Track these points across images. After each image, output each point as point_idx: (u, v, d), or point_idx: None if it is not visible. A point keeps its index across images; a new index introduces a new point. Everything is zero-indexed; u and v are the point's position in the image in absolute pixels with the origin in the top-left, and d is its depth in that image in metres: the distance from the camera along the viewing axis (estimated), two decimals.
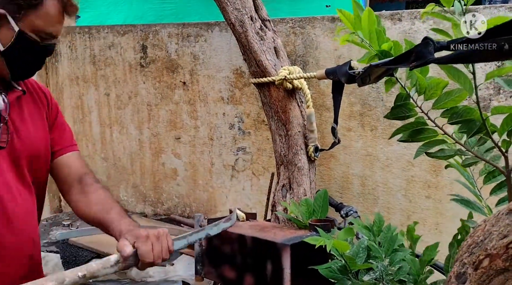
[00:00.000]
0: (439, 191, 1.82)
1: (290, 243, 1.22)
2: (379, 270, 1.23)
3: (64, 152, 1.20)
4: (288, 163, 1.61)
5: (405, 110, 1.13)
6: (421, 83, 1.06)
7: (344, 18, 1.05)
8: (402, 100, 1.13)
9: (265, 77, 1.61)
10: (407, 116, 1.13)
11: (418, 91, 1.08)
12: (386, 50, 1.01)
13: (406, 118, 1.13)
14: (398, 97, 1.13)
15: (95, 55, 2.54)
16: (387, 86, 1.16)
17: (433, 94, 1.07)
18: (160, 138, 2.44)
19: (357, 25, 1.13)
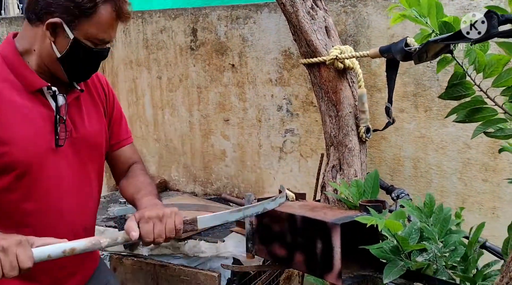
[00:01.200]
0: (497, 174, 1.74)
1: (340, 222, 1.22)
2: (433, 251, 1.20)
3: (120, 145, 1.32)
4: (338, 144, 1.60)
5: (461, 89, 1.08)
6: (481, 59, 1.01)
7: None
8: (458, 79, 1.08)
9: (316, 57, 1.60)
10: (464, 95, 1.08)
11: (477, 68, 1.03)
12: (449, 22, 0.97)
13: (462, 98, 1.09)
14: (453, 76, 1.09)
15: (148, 39, 2.62)
16: (439, 66, 1.11)
17: (493, 71, 1.02)
18: (209, 120, 2.50)
19: (413, 1, 1.09)
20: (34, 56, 1.09)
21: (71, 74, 1.11)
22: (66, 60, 1.07)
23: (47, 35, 1.05)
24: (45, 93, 1.10)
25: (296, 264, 1.36)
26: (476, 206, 1.79)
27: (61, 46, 1.06)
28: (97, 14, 1.04)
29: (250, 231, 1.43)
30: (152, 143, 2.73)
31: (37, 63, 1.09)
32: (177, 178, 2.69)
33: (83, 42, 1.06)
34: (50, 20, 1.03)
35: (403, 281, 1.17)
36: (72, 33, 1.04)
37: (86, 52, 1.07)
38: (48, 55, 1.07)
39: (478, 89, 1.03)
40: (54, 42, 1.05)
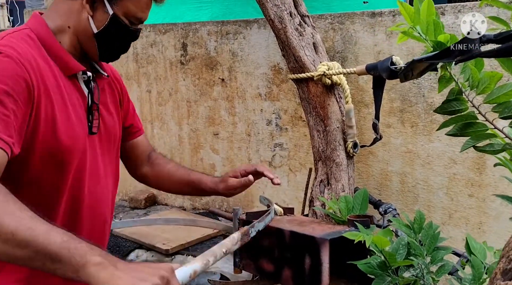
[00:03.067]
0: (482, 190, 1.77)
1: (329, 237, 1.22)
2: (420, 267, 1.21)
3: (138, 134, 1.30)
4: (326, 158, 1.62)
5: (456, 104, 1.10)
6: (474, 76, 1.03)
7: (404, 12, 1.04)
8: (455, 95, 1.11)
9: (304, 73, 1.62)
10: (458, 110, 1.10)
11: (471, 85, 1.05)
12: (442, 41, 0.99)
13: (456, 113, 1.11)
14: (450, 92, 1.11)
15: (138, 53, 2.63)
16: (441, 85, 1.13)
17: (486, 88, 1.05)
18: (199, 134, 2.50)
19: (416, 19, 1.11)
20: (68, 34, 1.04)
21: (104, 52, 1.07)
22: (102, 37, 1.04)
23: (86, 9, 1.01)
24: (78, 78, 1.06)
25: (284, 279, 1.36)
26: (463, 221, 1.81)
27: (99, 21, 1.02)
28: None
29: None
30: None
31: (71, 41, 1.04)
32: (166, 193, 2.67)
33: (121, 19, 1.03)
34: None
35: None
36: (112, 8, 1.02)
37: (122, 29, 1.04)
38: (84, 31, 1.03)
39: (471, 105, 1.05)
40: (92, 17, 1.02)
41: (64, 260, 0.72)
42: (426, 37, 1.07)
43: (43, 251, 0.73)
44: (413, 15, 1.05)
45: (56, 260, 0.73)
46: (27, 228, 0.73)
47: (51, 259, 0.73)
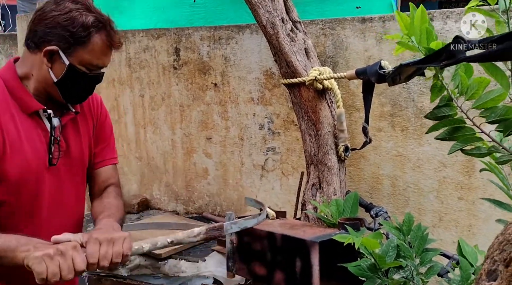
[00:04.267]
0: (472, 193, 1.79)
1: (319, 240, 1.24)
2: (409, 269, 1.23)
3: (103, 164, 1.33)
4: (318, 162, 1.63)
5: (446, 110, 1.13)
6: (463, 82, 1.06)
7: (400, 21, 1.07)
8: (446, 101, 1.13)
9: (296, 78, 1.64)
10: (448, 116, 1.13)
11: (460, 91, 1.08)
12: (433, 48, 1.02)
13: (446, 118, 1.13)
14: (442, 99, 1.13)
15: (131, 58, 2.64)
16: (433, 95, 1.15)
17: (474, 94, 1.07)
18: (192, 138, 2.50)
19: (411, 28, 1.13)
20: (32, 81, 1.15)
21: (68, 97, 1.17)
22: (62, 84, 1.13)
23: (44, 62, 1.11)
24: (41, 115, 1.16)
25: (276, 282, 1.37)
26: (453, 224, 1.83)
27: (57, 71, 1.12)
28: (91, 42, 1.11)
29: (231, 249, 1.43)
30: (134, 161, 2.72)
31: (35, 87, 1.15)
32: (159, 197, 2.67)
33: (78, 67, 1.12)
34: (47, 47, 1.10)
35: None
36: (68, 59, 1.11)
37: (81, 77, 1.14)
38: (45, 80, 1.14)
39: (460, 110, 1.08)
40: (51, 68, 1.12)
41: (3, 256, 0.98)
42: (420, 45, 1.10)
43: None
44: (409, 25, 1.08)
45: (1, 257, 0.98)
46: None
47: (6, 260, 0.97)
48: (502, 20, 0.99)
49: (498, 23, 0.98)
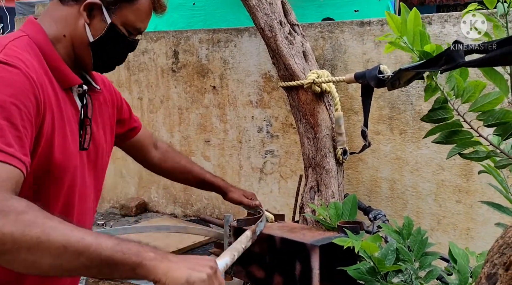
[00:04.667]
0: (470, 196, 1.79)
1: (319, 244, 1.23)
2: (409, 272, 1.23)
3: (137, 131, 1.32)
4: (316, 165, 1.63)
5: (442, 113, 1.13)
6: (459, 85, 1.06)
7: (391, 22, 1.07)
8: (441, 104, 1.13)
9: (294, 81, 1.64)
10: (444, 118, 1.13)
11: (456, 94, 1.08)
12: (428, 51, 1.02)
13: (442, 121, 1.14)
14: (436, 101, 1.13)
15: (129, 61, 2.63)
16: (427, 95, 1.16)
17: (470, 96, 1.08)
18: (190, 141, 2.50)
19: (403, 29, 1.14)
20: (63, 43, 0.99)
21: (98, 62, 1.03)
22: (98, 47, 1.00)
23: (83, 16, 0.96)
24: (73, 90, 1.01)
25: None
26: (451, 227, 1.83)
27: (96, 30, 0.98)
28: (138, 1, 0.99)
29: None
30: (132, 164, 2.71)
31: (66, 51, 0.99)
32: (157, 199, 2.67)
33: (120, 28, 1.00)
34: (90, 0, 0.95)
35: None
36: (110, 17, 0.98)
37: (120, 39, 1.01)
38: (80, 39, 0.98)
39: (456, 113, 1.08)
40: (89, 25, 0.97)
41: (119, 262, 0.74)
42: (413, 47, 1.10)
43: (98, 258, 0.74)
44: (400, 25, 1.08)
45: (112, 264, 0.74)
46: (76, 239, 0.73)
47: (107, 264, 0.74)
48: (500, 24, 0.99)
49: (496, 27, 0.98)
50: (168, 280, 0.75)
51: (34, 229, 0.71)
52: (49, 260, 0.72)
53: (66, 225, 0.75)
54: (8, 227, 0.70)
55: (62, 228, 0.74)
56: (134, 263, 0.75)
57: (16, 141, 0.81)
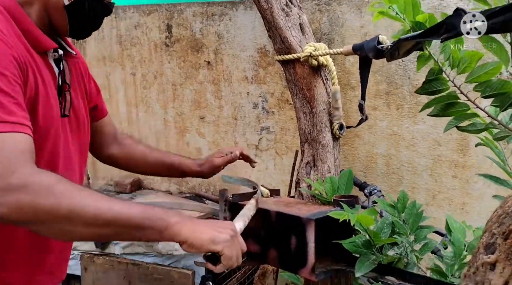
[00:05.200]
0: (466, 171, 1.79)
1: (315, 217, 1.23)
2: (404, 245, 1.23)
3: (103, 115, 1.27)
4: (313, 140, 1.61)
5: (436, 84, 1.11)
6: (455, 55, 1.04)
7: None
8: (434, 75, 1.11)
9: (290, 54, 1.60)
10: (439, 90, 1.11)
11: (452, 64, 1.06)
12: (421, 21, 0.99)
13: (437, 93, 1.11)
14: (430, 72, 1.11)
15: (121, 35, 2.57)
16: (419, 63, 1.13)
17: (467, 67, 1.05)
18: (184, 117, 2.47)
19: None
20: (35, 6, 0.97)
21: (75, 27, 1.02)
22: (73, 10, 0.98)
23: None
24: (49, 55, 0.99)
25: (270, 259, 1.36)
26: (446, 202, 1.83)
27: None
28: None
29: None
30: None
31: (38, 14, 0.97)
32: (152, 177, 2.65)
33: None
34: None
35: (374, 274, 1.19)
36: None
37: (95, 2, 1.01)
38: (54, 3, 0.97)
39: (452, 84, 1.05)
40: None
41: (147, 227, 0.81)
42: (404, 16, 1.07)
43: (127, 224, 0.79)
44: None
45: (140, 229, 0.80)
46: (106, 209, 0.78)
47: (136, 230, 0.81)
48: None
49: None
50: (194, 241, 0.82)
51: (66, 201, 0.75)
52: (82, 229, 0.77)
53: (95, 195, 0.79)
54: (42, 200, 0.73)
55: (92, 199, 0.78)
56: (161, 227, 0.82)
57: (16, 108, 0.81)
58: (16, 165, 0.74)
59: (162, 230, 0.82)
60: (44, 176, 0.76)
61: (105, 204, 0.78)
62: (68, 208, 0.75)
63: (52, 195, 0.74)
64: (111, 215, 0.78)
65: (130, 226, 0.80)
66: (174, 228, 0.83)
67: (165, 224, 0.82)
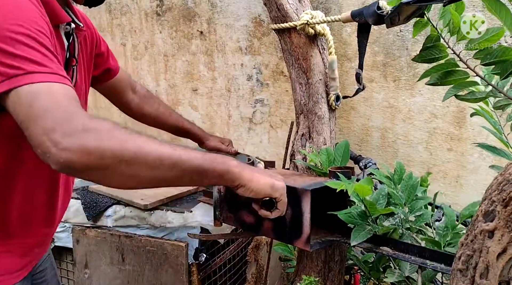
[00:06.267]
0: (461, 144, 1.78)
1: (311, 188, 1.21)
2: (399, 216, 1.22)
3: (115, 73, 1.33)
4: (308, 112, 1.58)
5: (435, 52, 1.08)
6: (455, 21, 1.00)
7: None
8: (432, 42, 1.07)
9: (286, 22, 1.55)
10: (437, 58, 1.08)
11: (451, 31, 1.02)
12: None
13: (435, 61, 1.08)
14: (428, 39, 1.07)
15: (111, 3, 2.48)
16: (416, 29, 1.10)
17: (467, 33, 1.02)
18: (177, 89, 2.42)
19: None
20: None
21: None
22: None
23: None
24: (61, 28, 0.98)
25: (265, 231, 1.35)
26: (441, 175, 1.83)
27: None
28: None
29: (218, 199, 1.40)
30: (117, 113, 2.62)
31: None
32: None
33: None
34: None
35: (369, 245, 1.18)
36: None
37: None
38: None
39: (451, 52, 1.02)
40: None
41: (209, 170, 0.84)
42: None
43: (190, 168, 0.81)
44: None
45: (202, 173, 0.83)
46: (169, 152, 0.79)
47: (198, 173, 0.83)
48: None
49: None
50: (254, 185, 0.89)
51: (129, 144, 0.74)
52: (146, 172, 0.77)
53: (155, 140, 0.80)
54: (105, 142, 0.72)
55: (153, 143, 0.78)
56: (223, 170, 0.85)
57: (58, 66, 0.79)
58: (72, 112, 0.72)
59: (223, 173, 0.85)
60: (102, 121, 0.75)
61: (168, 148, 0.79)
62: (133, 150, 0.74)
63: (116, 138, 0.73)
64: (174, 158, 0.79)
65: (193, 169, 0.81)
66: (235, 171, 0.87)
67: (226, 167, 0.85)
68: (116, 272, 1.75)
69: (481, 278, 0.75)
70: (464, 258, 0.78)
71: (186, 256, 1.64)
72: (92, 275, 1.80)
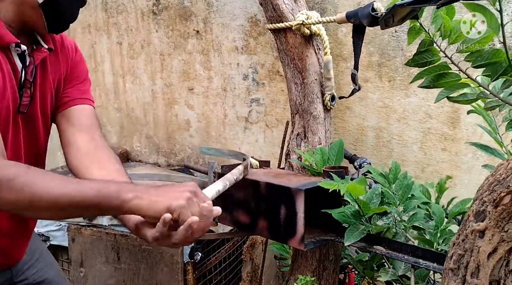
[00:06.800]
0: (455, 144, 1.80)
1: (305, 188, 1.22)
2: (393, 216, 1.23)
3: (76, 103, 1.13)
4: (304, 111, 1.59)
5: (427, 55, 1.09)
6: (446, 25, 1.01)
7: None
8: (426, 46, 1.08)
9: (282, 22, 1.56)
10: (430, 61, 1.09)
11: (443, 34, 1.03)
12: None
13: (428, 65, 1.09)
14: (421, 44, 1.08)
15: (107, 2, 2.48)
16: (410, 36, 1.10)
17: (458, 37, 1.03)
18: (173, 88, 2.42)
19: None
20: (5, 4, 0.97)
21: (52, 23, 1.01)
22: (48, 7, 0.98)
23: None
24: (12, 50, 0.99)
25: (260, 230, 1.36)
26: (435, 175, 1.84)
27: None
28: None
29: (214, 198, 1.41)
30: (113, 112, 2.63)
31: (9, 12, 0.98)
32: (139, 149, 2.62)
33: None
34: None
35: (363, 244, 1.19)
36: None
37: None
38: (29, 2, 0.97)
39: (443, 55, 1.03)
40: None
41: (104, 207, 0.84)
42: None
43: (85, 206, 0.84)
44: None
45: (98, 208, 0.85)
46: (63, 195, 0.83)
47: (95, 209, 0.85)
48: None
49: None
50: (152, 213, 0.83)
51: (24, 194, 0.81)
52: (45, 213, 0.86)
53: (57, 180, 0.84)
54: (4, 194, 0.80)
55: (50, 187, 0.82)
56: (117, 206, 0.84)
57: None
58: None
59: (119, 208, 0.84)
60: (6, 168, 0.82)
61: (61, 189, 0.83)
62: (27, 199, 0.81)
63: (12, 189, 0.80)
64: (67, 200, 0.83)
65: (88, 207, 0.84)
66: (131, 204, 0.84)
67: (120, 202, 0.84)
68: (112, 271, 1.76)
69: (472, 277, 0.77)
70: (455, 257, 0.79)
71: (182, 255, 1.64)
72: (87, 274, 1.80)
